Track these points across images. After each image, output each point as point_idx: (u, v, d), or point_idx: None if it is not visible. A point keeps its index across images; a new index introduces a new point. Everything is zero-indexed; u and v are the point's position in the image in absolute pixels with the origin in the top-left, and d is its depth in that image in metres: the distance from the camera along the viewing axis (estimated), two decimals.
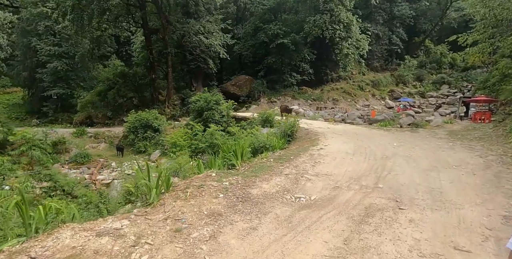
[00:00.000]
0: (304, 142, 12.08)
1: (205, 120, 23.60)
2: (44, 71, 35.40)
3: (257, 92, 40.84)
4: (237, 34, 44.81)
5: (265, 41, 40.83)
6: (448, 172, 7.78)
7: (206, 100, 24.13)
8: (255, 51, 43.49)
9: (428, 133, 16.02)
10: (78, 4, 27.45)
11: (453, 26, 52.37)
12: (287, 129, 12.71)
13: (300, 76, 42.32)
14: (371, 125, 27.50)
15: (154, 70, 33.74)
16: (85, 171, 23.04)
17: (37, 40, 35.13)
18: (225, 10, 48.69)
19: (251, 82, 41.98)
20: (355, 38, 40.05)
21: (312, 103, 40.46)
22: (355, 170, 7.83)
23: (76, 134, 29.89)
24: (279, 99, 40.15)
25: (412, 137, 14.21)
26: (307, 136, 13.55)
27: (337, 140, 12.60)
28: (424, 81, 48.27)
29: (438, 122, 23.98)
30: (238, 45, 44.02)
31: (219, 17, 36.59)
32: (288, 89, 41.96)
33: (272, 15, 43.03)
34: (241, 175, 7.06)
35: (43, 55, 35.17)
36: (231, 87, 41.32)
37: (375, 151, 10.40)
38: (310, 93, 42.25)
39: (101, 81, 35.69)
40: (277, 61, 41.34)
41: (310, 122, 20.11)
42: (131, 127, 27.28)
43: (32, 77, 36.77)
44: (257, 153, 10.61)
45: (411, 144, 12.14)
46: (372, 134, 15.02)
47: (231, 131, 12.87)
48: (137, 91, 35.79)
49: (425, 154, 9.94)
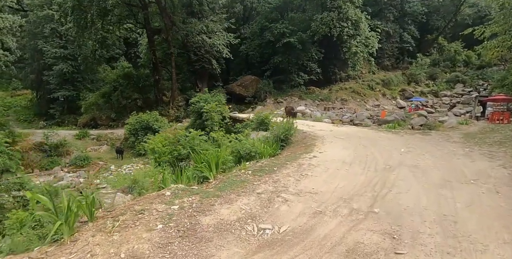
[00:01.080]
0: (298, 148, 10.51)
1: (204, 122, 22.35)
2: (50, 73, 34.84)
3: (263, 93, 39.32)
4: (243, 34, 43.38)
5: (271, 40, 39.30)
6: (464, 189, 6.11)
7: (205, 101, 22.82)
8: (262, 51, 41.97)
9: (441, 135, 14.18)
10: (79, 5, 26.55)
11: (468, 22, 49.61)
12: (281, 133, 11.16)
13: (308, 76, 40.60)
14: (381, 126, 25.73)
15: (157, 71, 32.67)
16: (82, 174, 22.02)
17: (43, 43, 34.60)
18: (232, 9, 47.42)
19: (257, 83, 40.49)
20: (364, 36, 38.05)
21: (319, 103, 38.67)
22: (348, 186, 6.24)
23: (79, 136, 29.07)
24: (285, 100, 38.55)
25: (423, 141, 12.43)
26: (304, 140, 11.95)
27: (337, 144, 10.97)
28: (437, 80, 45.78)
29: (452, 123, 21.96)
30: (244, 45, 42.64)
31: (223, 16, 35.21)
32: (295, 89, 40.30)
33: (278, 14, 41.42)
34: (202, 193, 5.58)
35: (49, 57, 34.60)
36: (237, 87, 39.95)
37: (378, 158, 8.76)
38: (318, 93, 40.46)
39: (107, 83, 34.85)
40: (284, 60, 39.74)
41: (312, 124, 18.47)
42: (132, 129, 26.27)
43: (39, 80, 36.32)
44: (242, 161, 9.13)
45: (420, 149, 10.42)
46: (378, 137, 13.30)
47: (214, 136, 11.44)
48: (142, 92, 34.85)
49: (437, 163, 8.23)
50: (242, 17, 48.39)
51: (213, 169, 7.43)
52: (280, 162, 8.14)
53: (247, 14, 48.42)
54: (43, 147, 25.85)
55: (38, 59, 35.44)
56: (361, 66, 43.59)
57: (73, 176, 21.65)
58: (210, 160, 7.43)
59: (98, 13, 29.47)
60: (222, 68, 45.93)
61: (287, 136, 11.34)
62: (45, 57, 34.69)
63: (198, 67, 36.26)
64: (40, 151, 25.91)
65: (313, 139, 11.97)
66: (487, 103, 30.40)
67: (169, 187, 6.01)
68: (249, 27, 44.23)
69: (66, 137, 28.67)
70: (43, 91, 37.55)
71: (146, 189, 6.86)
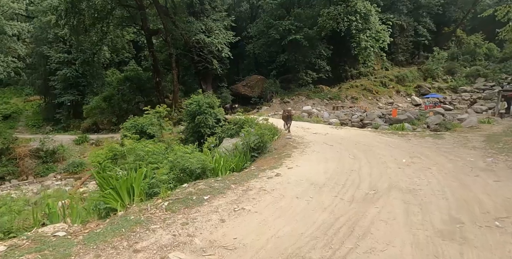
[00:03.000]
0: (269, 160, 8.12)
1: (197, 125, 20.34)
2: (55, 78, 33.86)
3: (269, 93, 36.84)
4: (249, 33, 41.06)
5: (277, 38, 36.75)
6: (483, 239, 3.60)
7: (198, 104, 20.77)
8: (268, 49, 39.49)
9: (457, 138, 11.38)
10: (72, 8, 25.09)
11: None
12: (251, 142, 8.81)
13: (317, 74, 37.77)
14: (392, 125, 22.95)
15: (158, 73, 30.89)
16: (70, 182, 20.43)
17: (47, 48, 33.65)
18: (238, 8, 45.33)
19: (263, 82, 38.09)
20: (375, 29, 34.80)
21: (328, 102, 35.80)
22: (292, 235, 3.85)
23: (78, 141, 27.69)
24: (292, 99, 35.94)
25: (433, 147, 9.75)
26: (284, 147, 9.54)
27: (319, 155, 8.50)
28: (456, 75, 41.76)
29: (472, 122, 18.82)
30: (251, 44, 40.34)
31: (223, 14, 33.02)
32: (303, 88, 37.58)
33: (284, 11, 38.80)
34: (47, 251, 3.37)
35: (54, 62, 33.59)
36: (242, 88, 37.72)
37: (364, 177, 6.28)
38: (327, 92, 37.56)
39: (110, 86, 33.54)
40: (291, 59, 37.14)
41: (308, 126, 15.97)
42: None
43: (46, 85, 35.44)
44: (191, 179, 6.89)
45: (427, 160, 7.82)
46: (379, 143, 10.70)
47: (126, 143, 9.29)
48: (144, 95, 33.21)
49: (445, 185, 5.67)
50: (249, 16, 46.20)
51: (124, 198, 5.22)
52: (225, 184, 5.80)
53: (254, 13, 46.12)
54: (39, 153, 24.62)
55: (44, 65, 34.58)
56: (373, 62, 40.23)
57: (61, 184, 20.09)
58: (120, 185, 5.22)
59: (96, 16, 28.09)
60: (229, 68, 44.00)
61: (260, 145, 8.96)
62: (49, 63, 33.74)
63: (201, 68, 34.26)
64: (36, 157, 24.69)
65: (294, 146, 9.54)
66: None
67: (20, 236, 3.82)
68: (256, 25, 41.87)
69: (65, 142, 27.41)
70: (50, 97, 36.76)
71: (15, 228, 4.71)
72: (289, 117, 13.18)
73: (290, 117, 13.21)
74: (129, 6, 28.70)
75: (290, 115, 13.24)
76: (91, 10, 26.91)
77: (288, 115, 13.21)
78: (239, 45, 42.64)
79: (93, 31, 29.70)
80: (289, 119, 13.20)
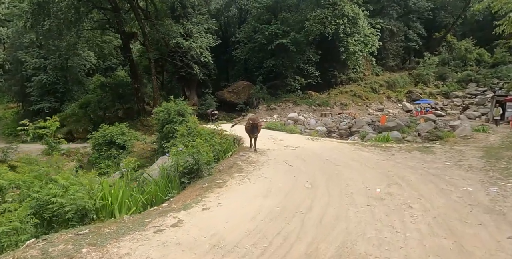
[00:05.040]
0: (193, 192, 5.78)
1: (166, 135, 17.99)
2: (31, 84, 31.57)
3: (256, 99, 34.61)
4: (237, 38, 38.98)
5: (263, 43, 34.69)
6: None
7: (168, 111, 18.53)
8: (257, 55, 37.34)
9: (450, 154, 9.11)
10: (38, 10, 22.93)
11: (478, 18, 43.57)
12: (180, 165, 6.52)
13: (305, 79, 35.55)
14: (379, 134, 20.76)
15: (136, 78, 28.64)
16: None
17: (23, 53, 31.39)
18: (227, 13, 43.34)
19: (249, 88, 35.90)
20: (363, 33, 32.81)
21: (316, 109, 33.58)
22: None
23: (47, 152, 25.25)
24: (279, 106, 33.75)
25: (420, 167, 7.46)
26: (228, 170, 7.23)
27: (261, 185, 6.14)
28: (447, 80, 39.78)
29: (466, 130, 16.56)
30: (238, 50, 38.21)
31: (204, 17, 30.94)
32: (291, 94, 35.37)
33: (271, 15, 36.77)
34: None
35: (29, 68, 31.30)
36: (228, 94, 35.51)
37: (309, 228, 3.99)
38: (316, 98, 35.36)
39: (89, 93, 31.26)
40: (278, 64, 34.96)
41: (282, 137, 13.61)
42: (95, 144, 22.20)
43: (23, 92, 33.14)
44: (67, 223, 4.60)
45: (410, 190, 5.54)
46: (353, 161, 8.41)
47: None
48: (123, 103, 30.92)
49: (431, 248, 3.40)
50: (237, 21, 44.19)
51: None
52: (75, 246, 3.49)
53: (243, 18, 44.11)
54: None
55: (20, 71, 32.31)
56: (363, 67, 38.21)
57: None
58: None
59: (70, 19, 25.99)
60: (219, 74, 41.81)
61: (193, 168, 6.64)
62: (24, 68, 31.48)
63: (184, 73, 32.08)
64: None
65: (241, 169, 7.21)
66: (507, 103, 24.65)
67: None
68: (243, 30, 39.83)
69: (34, 152, 24.99)
70: (27, 104, 34.43)
71: None
72: (254, 129, 9.48)
73: (255, 128, 9.53)
74: (104, 8, 26.58)
75: (255, 125, 9.46)
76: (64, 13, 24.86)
77: (253, 126, 9.69)
78: (228, 51, 40.63)
79: (68, 35, 27.53)
80: (255, 130, 9.53)
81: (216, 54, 41.74)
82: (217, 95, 35.81)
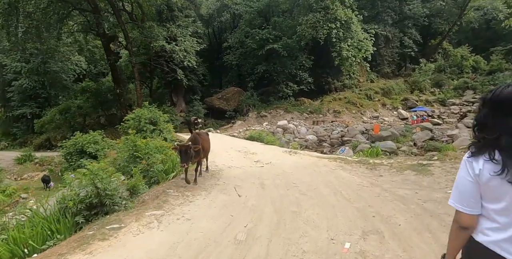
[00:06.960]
0: (68, 244, 3.80)
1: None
2: (11, 89, 29.68)
3: (246, 106, 32.67)
4: (229, 43, 37.24)
5: (254, 48, 32.95)
6: None
7: (139, 119, 16.59)
8: (249, 60, 35.54)
9: (452, 175, 7.08)
10: (10, 9, 21.13)
11: (474, 26, 41.92)
12: (76, 198, 4.51)
13: (298, 86, 33.79)
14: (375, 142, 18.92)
15: (119, 83, 26.73)
16: None
17: (4, 57, 29.55)
18: (219, 18, 41.70)
19: (240, 95, 34.02)
20: (356, 38, 31.05)
21: (308, 116, 31.64)
22: None
23: (20, 160, 23.26)
24: (270, 113, 31.83)
25: (412, 199, 5.45)
26: (152, 202, 5.22)
27: (172, 234, 4.15)
28: (444, 87, 37.95)
29: (465, 141, 14.61)
30: (230, 55, 36.41)
31: (190, 20, 29.16)
32: (283, 101, 33.54)
33: (263, 19, 35.09)
34: None
35: (10, 72, 29.43)
36: (217, 101, 33.59)
37: None
38: (308, 105, 33.46)
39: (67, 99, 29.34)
40: (269, 70, 33.18)
41: (256, 150, 11.60)
42: (66, 153, 20.13)
43: (4, 97, 31.26)
44: None
45: (394, 243, 3.55)
46: (326, 186, 6.40)
47: None
48: (105, 109, 28.96)
49: None
50: (230, 26, 42.52)
51: None
52: None
53: (235, 23, 42.45)
54: None
55: (1, 75, 30.50)
56: (358, 74, 36.40)
57: None
58: None
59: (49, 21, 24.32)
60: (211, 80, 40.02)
61: (95, 201, 4.62)
62: (5, 72, 29.62)
63: (171, 79, 30.24)
64: None
65: (165, 201, 5.18)
66: None
67: None
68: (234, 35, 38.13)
69: (6, 161, 23.05)
70: (8, 109, 32.51)
71: None
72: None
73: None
74: (84, 10, 24.84)
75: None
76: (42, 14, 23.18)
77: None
78: (220, 56, 38.88)
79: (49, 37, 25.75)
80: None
81: (209, 60, 39.94)
82: (206, 102, 33.89)
